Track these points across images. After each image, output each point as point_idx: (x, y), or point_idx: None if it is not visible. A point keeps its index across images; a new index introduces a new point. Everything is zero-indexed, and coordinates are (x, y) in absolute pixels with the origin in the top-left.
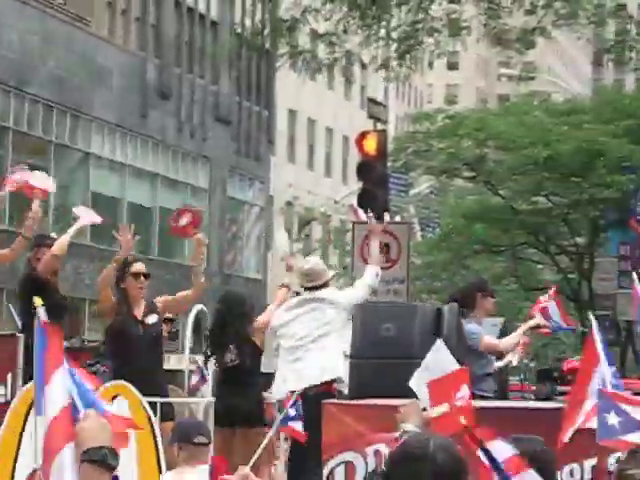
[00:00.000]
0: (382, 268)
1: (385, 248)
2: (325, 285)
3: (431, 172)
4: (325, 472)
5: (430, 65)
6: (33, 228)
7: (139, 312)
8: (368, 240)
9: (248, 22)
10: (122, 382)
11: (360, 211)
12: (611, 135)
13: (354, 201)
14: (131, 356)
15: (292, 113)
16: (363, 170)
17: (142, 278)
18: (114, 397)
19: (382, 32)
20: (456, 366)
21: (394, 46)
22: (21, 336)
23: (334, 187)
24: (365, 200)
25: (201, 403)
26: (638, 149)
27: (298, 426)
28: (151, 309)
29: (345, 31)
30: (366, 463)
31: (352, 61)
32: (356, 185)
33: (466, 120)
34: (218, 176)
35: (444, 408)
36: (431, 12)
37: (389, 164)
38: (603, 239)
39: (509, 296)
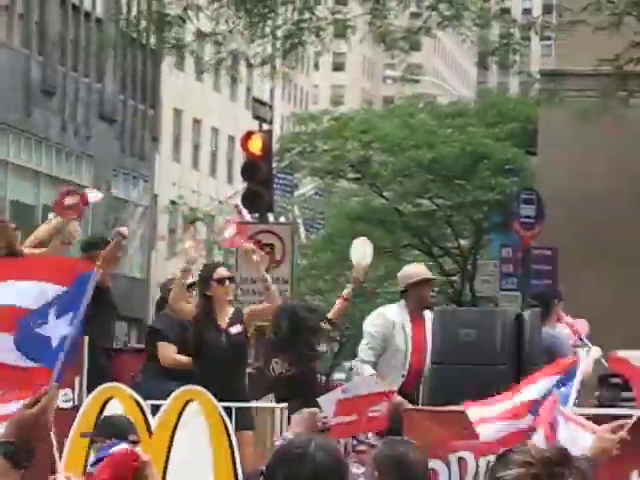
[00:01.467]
0: (266, 269)
1: (269, 248)
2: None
3: (316, 173)
4: None
5: (316, 66)
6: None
7: (224, 320)
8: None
9: (134, 20)
10: (197, 387)
11: (244, 211)
12: (495, 138)
13: (239, 201)
14: (212, 366)
15: (177, 112)
16: (248, 170)
17: (227, 283)
18: (188, 401)
19: (267, 30)
20: (378, 389)
21: (278, 44)
22: (86, 338)
23: (219, 187)
24: (250, 200)
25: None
26: (521, 152)
27: None
28: (236, 318)
29: (231, 31)
30: (449, 470)
31: (238, 61)
32: (241, 185)
33: (351, 122)
34: (102, 175)
35: (349, 418)
36: (317, 12)
37: (274, 165)
38: (486, 241)
39: (393, 297)
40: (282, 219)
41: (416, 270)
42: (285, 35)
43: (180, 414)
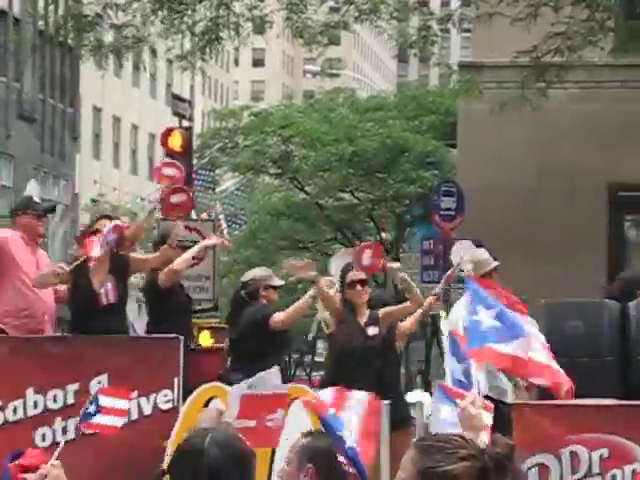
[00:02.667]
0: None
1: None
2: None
3: (237, 169)
4: None
5: (236, 62)
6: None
7: (362, 321)
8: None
9: (51, 19)
10: (299, 385)
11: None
12: (415, 131)
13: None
14: (348, 367)
15: (97, 110)
16: None
17: (359, 287)
18: (293, 399)
19: (184, 26)
20: (282, 390)
21: (195, 39)
22: (182, 338)
23: (140, 184)
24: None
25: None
26: (441, 145)
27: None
28: (373, 320)
29: (144, 23)
30: (561, 465)
31: (142, 47)
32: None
33: (271, 117)
34: (22, 174)
35: (250, 424)
36: (233, 8)
37: (195, 161)
38: (408, 234)
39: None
40: (204, 216)
41: (488, 257)
42: (202, 31)
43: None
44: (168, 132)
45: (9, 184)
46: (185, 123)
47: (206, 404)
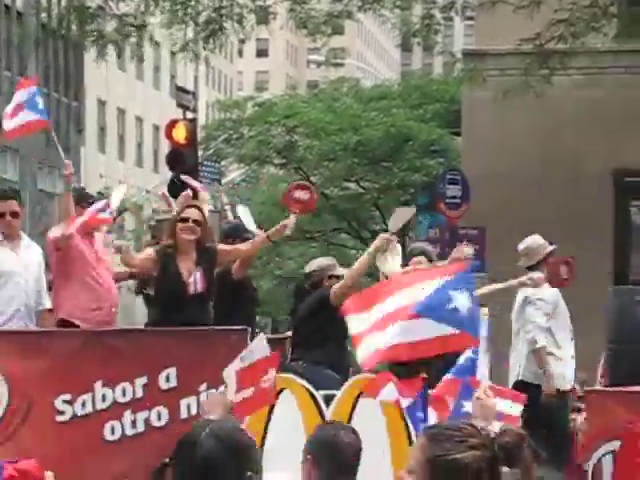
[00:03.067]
0: None
1: None
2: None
3: (242, 160)
4: (591, 462)
5: (240, 52)
6: (282, 233)
7: None
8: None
9: (54, 12)
10: (370, 375)
11: (171, 200)
12: (419, 120)
13: (165, 190)
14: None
15: (101, 103)
16: (173, 159)
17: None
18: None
19: (187, 17)
20: (268, 353)
21: (198, 29)
22: (249, 330)
23: (146, 177)
24: (176, 189)
25: None
26: (446, 133)
27: None
28: None
29: (143, 12)
30: None
31: (144, 37)
32: (168, 174)
33: (275, 107)
34: (28, 169)
35: (248, 393)
36: None
37: (200, 153)
38: (414, 223)
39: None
40: (210, 207)
41: (542, 243)
42: (205, 21)
43: (354, 404)
44: (172, 124)
45: (15, 179)
46: (189, 115)
47: (276, 396)
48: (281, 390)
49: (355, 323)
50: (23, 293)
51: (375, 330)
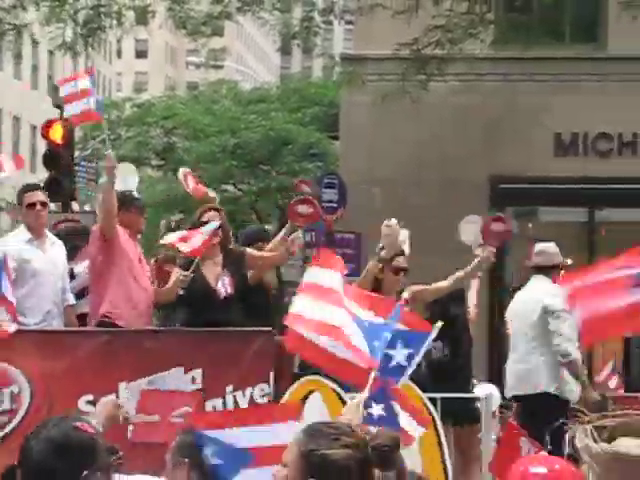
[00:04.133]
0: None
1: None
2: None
3: (120, 161)
4: None
5: (118, 53)
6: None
7: None
8: None
9: None
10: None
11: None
12: (298, 123)
13: None
14: None
15: None
16: (49, 159)
17: (402, 274)
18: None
19: (64, 14)
20: (185, 389)
21: (77, 29)
22: (275, 331)
23: (25, 177)
24: (52, 189)
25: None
26: (324, 137)
27: None
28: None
29: (14, 7)
30: None
31: (22, 35)
32: (45, 174)
33: (154, 108)
34: None
35: (150, 419)
36: None
37: (77, 153)
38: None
39: None
40: (87, 207)
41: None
42: (84, 20)
43: None
44: (49, 124)
45: None
46: (66, 114)
47: (304, 398)
48: (310, 392)
49: (301, 303)
50: (51, 292)
51: (313, 329)
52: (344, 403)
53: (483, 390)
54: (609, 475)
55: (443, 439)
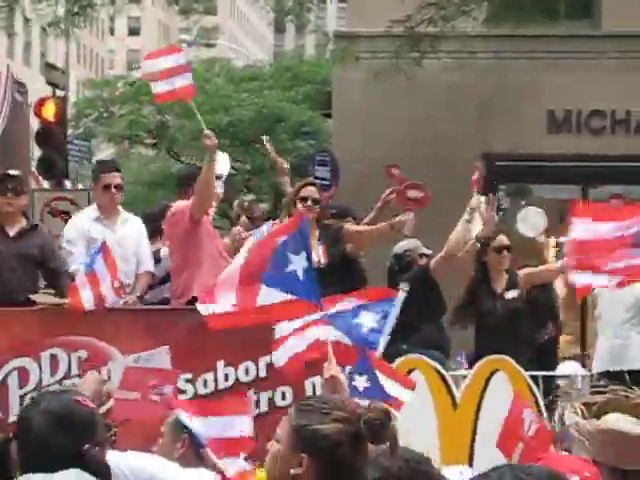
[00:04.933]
0: None
1: (67, 215)
2: None
3: (112, 139)
4: None
5: (111, 31)
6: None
7: (500, 286)
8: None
9: None
10: (502, 356)
11: (40, 178)
12: (291, 101)
13: (34, 168)
14: (487, 333)
15: None
16: (42, 137)
17: (505, 252)
18: (493, 372)
19: None
20: (168, 367)
21: (68, 5)
22: None
23: None
24: (44, 167)
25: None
26: (317, 115)
27: None
28: (512, 282)
29: None
30: None
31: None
32: (37, 152)
33: (147, 86)
34: None
35: (131, 395)
36: None
37: (70, 131)
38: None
39: None
40: (80, 186)
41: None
42: None
43: (486, 385)
44: (41, 102)
45: None
46: (59, 92)
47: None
48: (411, 370)
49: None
50: (117, 272)
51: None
52: (445, 381)
53: (569, 368)
54: (598, 451)
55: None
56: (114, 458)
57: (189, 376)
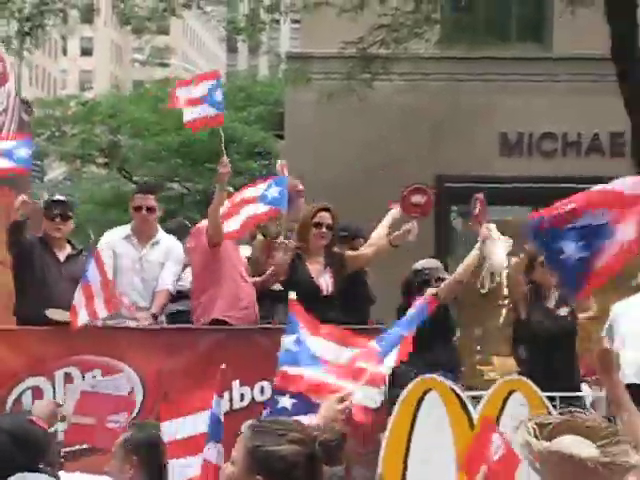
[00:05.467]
0: None
1: None
2: None
3: (64, 158)
4: None
5: (64, 51)
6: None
7: (551, 302)
8: None
9: None
10: (519, 377)
11: None
12: (244, 122)
13: None
14: (541, 352)
15: None
16: None
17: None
18: (511, 392)
19: (6, 12)
20: (124, 394)
21: (18, 25)
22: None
23: None
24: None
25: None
26: (270, 135)
27: None
28: (562, 299)
29: None
30: None
31: None
32: None
33: (99, 106)
34: None
35: (86, 421)
36: None
37: None
38: None
39: None
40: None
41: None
42: (26, 17)
43: (503, 405)
44: None
45: None
46: None
47: (421, 397)
48: (427, 391)
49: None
50: (133, 291)
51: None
52: (462, 401)
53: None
54: (549, 473)
55: None
56: (64, 478)
57: None
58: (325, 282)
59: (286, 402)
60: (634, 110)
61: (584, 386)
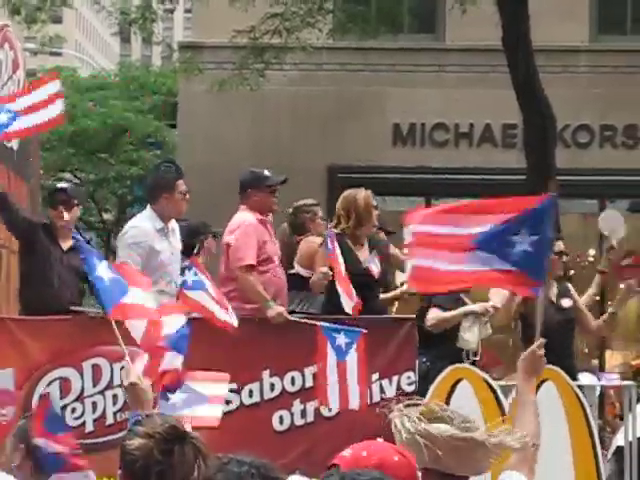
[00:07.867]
0: None
1: None
2: None
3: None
4: None
5: None
6: None
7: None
8: None
9: None
10: (552, 367)
11: None
12: (137, 111)
13: None
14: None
15: None
16: None
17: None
18: (542, 381)
19: None
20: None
21: None
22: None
23: None
24: None
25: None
26: (163, 125)
27: None
28: (564, 291)
29: None
30: None
31: None
32: None
33: None
34: None
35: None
36: None
37: None
38: (130, 215)
39: None
40: None
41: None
42: None
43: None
44: None
45: None
46: None
47: (453, 386)
48: (459, 380)
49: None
50: (172, 284)
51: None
52: (493, 391)
53: (587, 379)
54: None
55: (594, 429)
56: None
57: (234, 386)
58: (376, 266)
59: (176, 399)
60: (524, 101)
61: (582, 375)
